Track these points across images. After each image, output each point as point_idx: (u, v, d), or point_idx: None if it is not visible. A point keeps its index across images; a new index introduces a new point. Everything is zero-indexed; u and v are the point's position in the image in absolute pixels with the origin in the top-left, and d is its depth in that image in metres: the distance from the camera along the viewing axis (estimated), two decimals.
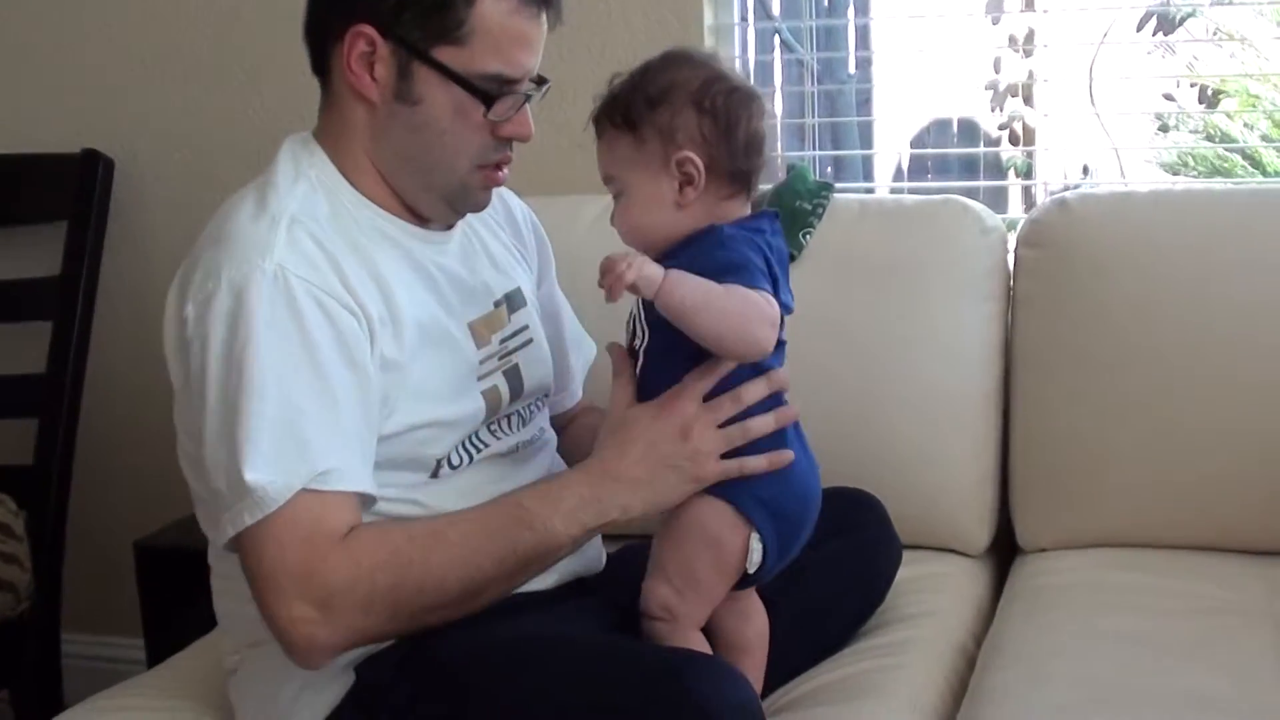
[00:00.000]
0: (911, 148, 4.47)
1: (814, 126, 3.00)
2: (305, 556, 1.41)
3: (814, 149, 2.94)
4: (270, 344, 1.43)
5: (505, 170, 1.64)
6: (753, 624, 1.65)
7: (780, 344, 1.56)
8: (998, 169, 4.14)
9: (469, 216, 1.69)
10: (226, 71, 2.71)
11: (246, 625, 1.57)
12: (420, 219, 1.63)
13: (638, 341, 1.57)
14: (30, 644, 2.55)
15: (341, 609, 1.42)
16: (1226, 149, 6.27)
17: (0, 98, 2.82)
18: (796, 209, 2.28)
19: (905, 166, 4.59)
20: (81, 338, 2.67)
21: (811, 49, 3.02)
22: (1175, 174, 5.25)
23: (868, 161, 3.63)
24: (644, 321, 1.56)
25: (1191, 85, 6.17)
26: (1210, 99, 6.61)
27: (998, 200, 3.18)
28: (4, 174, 2.75)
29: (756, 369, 1.54)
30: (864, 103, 3.81)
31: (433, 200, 1.63)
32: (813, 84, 3.09)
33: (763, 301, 1.48)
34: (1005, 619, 1.92)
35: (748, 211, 1.58)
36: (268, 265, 1.46)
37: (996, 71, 4.11)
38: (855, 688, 1.72)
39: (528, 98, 1.59)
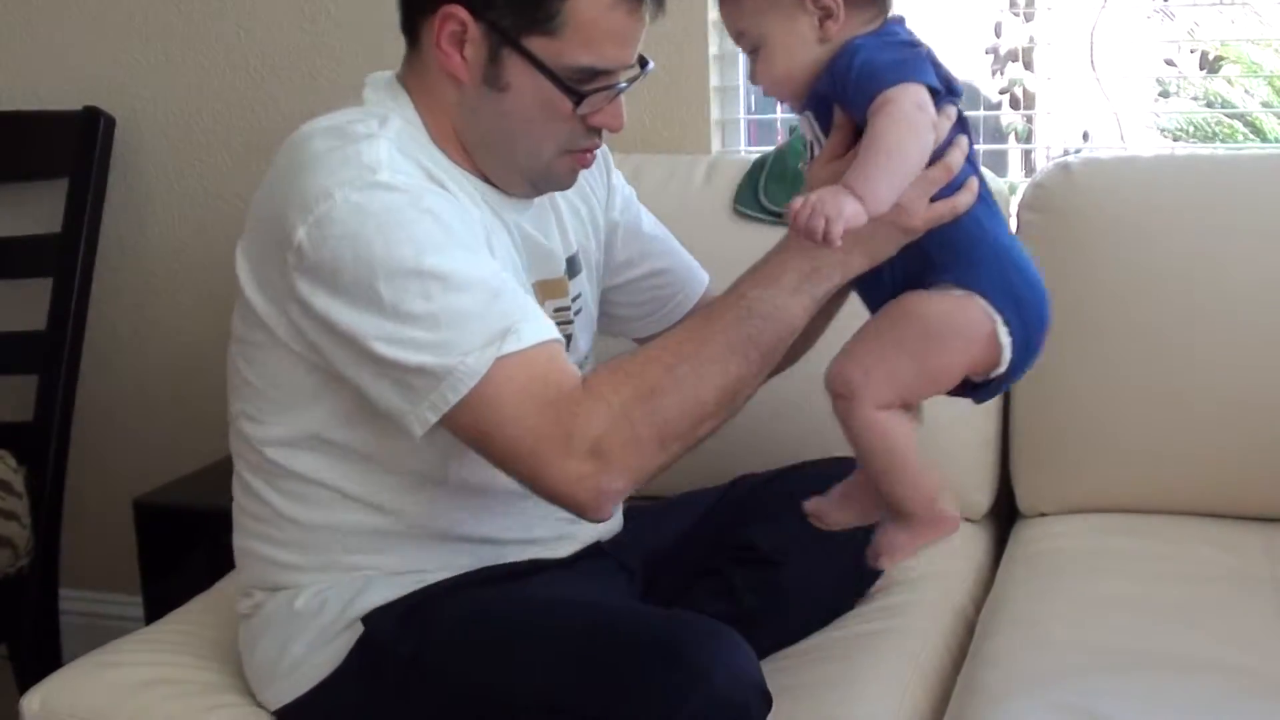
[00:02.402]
0: None
1: None
2: (555, 417, 1.40)
3: None
4: (408, 234, 1.41)
5: (594, 154, 1.61)
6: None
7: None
8: (998, 133, 4.12)
9: None
10: (227, 30, 2.69)
11: (268, 568, 1.58)
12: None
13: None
14: (29, 600, 2.55)
15: (613, 452, 1.40)
16: (1227, 115, 6.26)
17: (2, 55, 2.81)
18: (798, 172, 2.27)
19: None
20: (81, 295, 2.67)
21: None
22: (1175, 139, 5.24)
23: None
24: (819, 136, 1.51)
25: (1192, 51, 6.16)
26: (1211, 64, 6.60)
27: (997, 164, 3.17)
28: (5, 131, 2.74)
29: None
30: None
31: (515, 179, 1.60)
32: None
33: (894, 109, 1.40)
34: (1005, 583, 1.93)
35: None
36: (382, 176, 1.43)
37: (997, 36, 4.10)
38: (855, 649, 1.74)
39: (620, 90, 1.54)
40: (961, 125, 1.49)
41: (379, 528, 1.57)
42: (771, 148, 2.37)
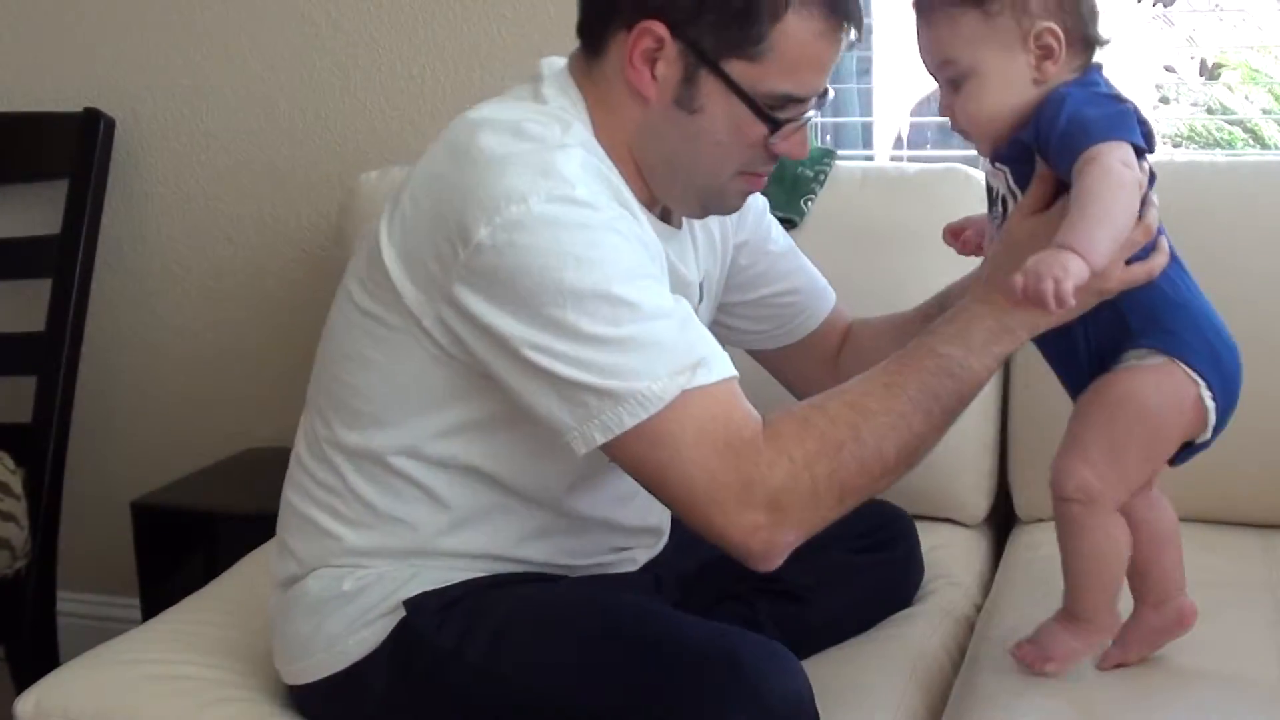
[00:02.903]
0: (911, 116, 4.46)
1: None
2: (735, 463, 1.35)
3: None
4: (600, 255, 1.36)
5: (765, 178, 1.58)
6: (1165, 515, 1.59)
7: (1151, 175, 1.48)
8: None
9: None
10: (227, 32, 2.69)
11: (324, 541, 1.54)
12: (658, 209, 1.58)
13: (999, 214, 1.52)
14: (27, 602, 2.56)
15: (791, 506, 1.36)
16: (1228, 121, 6.27)
17: (2, 56, 2.81)
18: (799, 175, 2.28)
19: (905, 135, 4.58)
20: (81, 296, 2.67)
21: None
22: (1175, 146, 5.24)
23: (867, 130, 3.61)
24: (1013, 189, 1.51)
25: (1191, 58, 6.17)
26: (1210, 71, 6.60)
27: None
28: (5, 132, 2.75)
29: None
30: (864, 71, 3.79)
31: (686, 200, 1.57)
32: None
33: (1103, 166, 1.37)
34: (1003, 588, 1.93)
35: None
36: (580, 192, 1.37)
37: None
38: (855, 656, 1.75)
39: (811, 117, 1.52)
40: (1151, 183, 1.47)
41: (455, 535, 1.53)
42: None
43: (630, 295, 1.35)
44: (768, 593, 1.74)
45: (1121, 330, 1.48)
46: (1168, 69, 6.49)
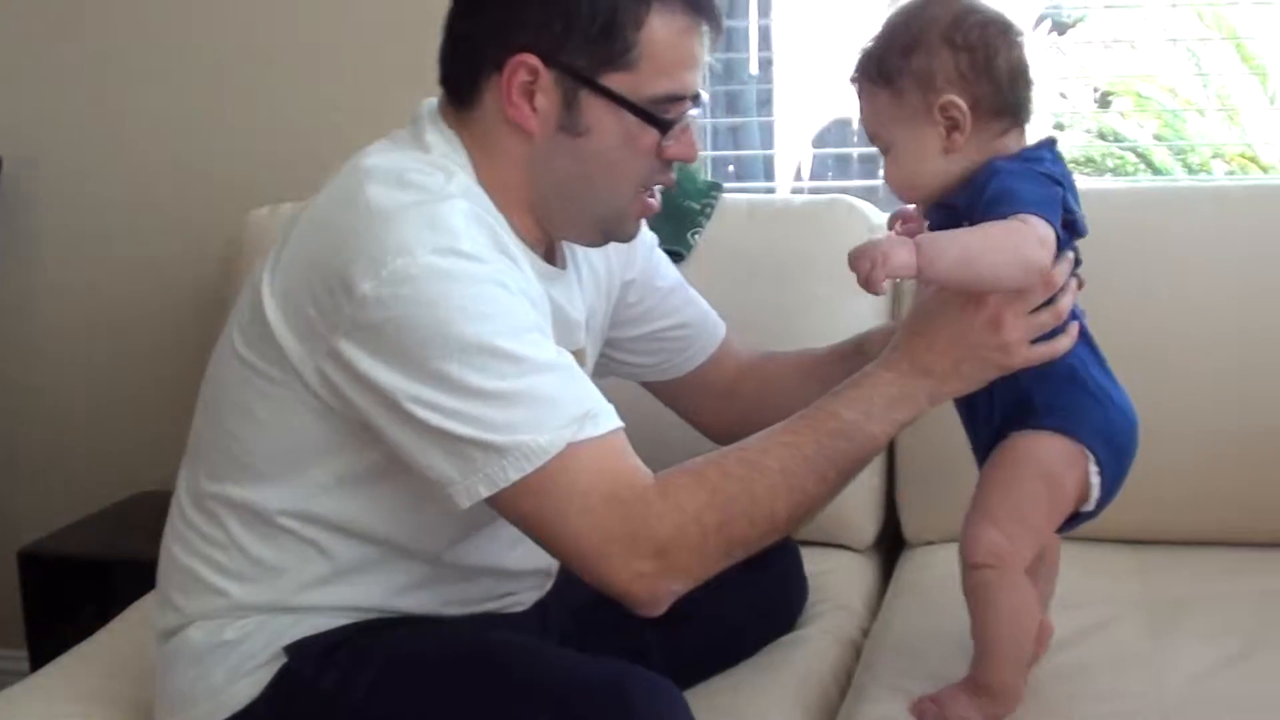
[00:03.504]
0: (814, 147, 4.51)
1: (712, 127, 3.02)
2: (624, 514, 1.37)
3: (711, 149, 2.96)
4: (486, 309, 1.36)
5: (657, 196, 1.59)
6: (1050, 549, 1.67)
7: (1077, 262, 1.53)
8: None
9: None
10: (113, 70, 2.68)
11: (206, 594, 1.52)
12: (543, 250, 1.58)
13: None
14: None
15: (678, 556, 1.38)
16: (1120, 147, 6.39)
17: None
18: (685, 208, 2.30)
19: (808, 166, 4.63)
20: None
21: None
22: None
23: (769, 161, 3.65)
24: None
25: (1084, 85, 6.28)
26: (1102, 100, 6.73)
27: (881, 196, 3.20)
28: None
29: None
30: (765, 104, 3.83)
31: (585, 229, 1.57)
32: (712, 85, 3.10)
33: (1019, 225, 1.41)
34: (891, 611, 1.96)
35: (1025, 143, 1.52)
36: (464, 245, 1.38)
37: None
38: (742, 683, 1.75)
39: (695, 115, 1.54)
40: (1076, 266, 1.52)
41: (338, 587, 1.52)
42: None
43: (516, 349, 1.36)
44: (654, 622, 1.73)
45: (1025, 408, 1.53)
46: (1061, 96, 6.61)
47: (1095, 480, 1.53)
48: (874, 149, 1.58)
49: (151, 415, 2.71)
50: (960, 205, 1.47)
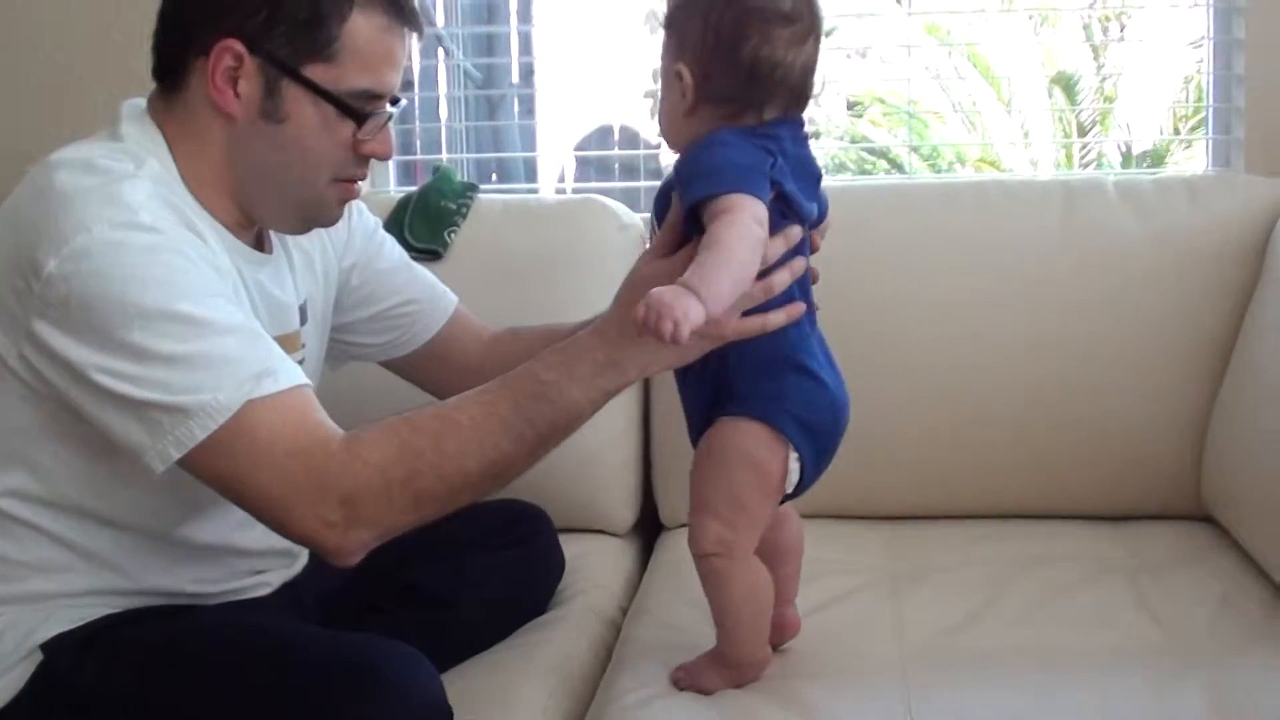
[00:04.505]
0: (575, 152, 4.59)
1: (473, 130, 3.07)
2: (307, 466, 1.39)
3: (473, 152, 3.00)
4: (165, 276, 1.39)
5: (360, 184, 1.62)
6: (790, 529, 1.69)
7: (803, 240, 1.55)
8: (658, 173, 4.29)
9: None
10: None
11: None
12: (250, 236, 1.60)
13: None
14: None
15: (364, 506, 1.40)
16: (868, 152, 6.63)
17: None
18: (441, 208, 2.35)
19: (571, 170, 4.71)
20: None
21: (462, 52, 3.06)
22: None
23: (530, 164, 3.71)
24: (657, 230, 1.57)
25: (837, 94, 6.50)
26: (854, 109, 6.98)
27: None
28: None
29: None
30: (528, 110, 3.89)
31: (285, 214, 1.60)
32: (466, 89, 3.15)
33: (735, 218, 1.44)
34: (648, 590, 2.03)
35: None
36: (143, 217, 1.41)
37: (655, 81, 4.25)
38: (506, 660, 1.80)
39: (390, 116, 1.58)
40: (800, 248, 1.55)
41: (81, 575, 1.53)
42: (415, 187, 2.44)
43: (196, 313, 1.39)
44: (410, 602, 1.79)
45: (729, 394, 1.57)
46: (815, 104, 6.83)
47: (794, 466, 1.57)
48: (634, 154, 1.64)
49: None
50: (678, 167, 1.53)
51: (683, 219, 1.52)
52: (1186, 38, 3.68)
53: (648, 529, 2.34)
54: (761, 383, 1.56)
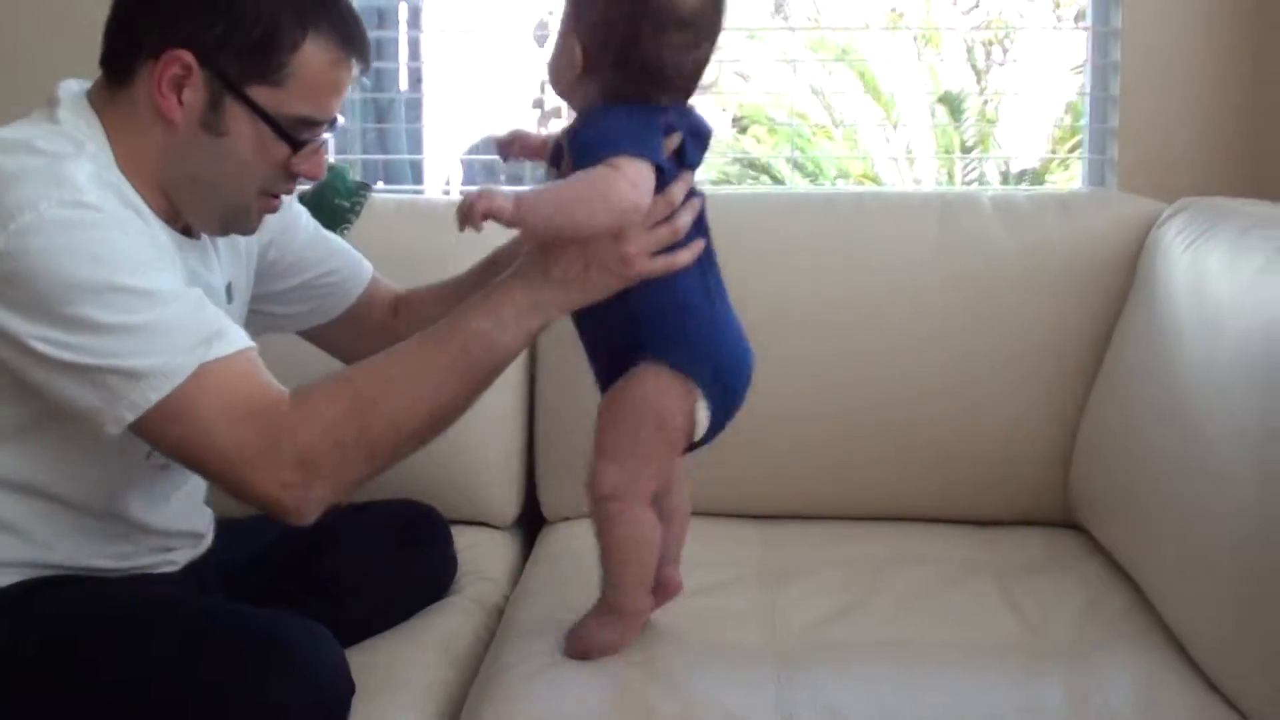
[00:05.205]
0: (462, 156, 4.61)
1: (361, 132, 3.09)
2: (261, 426, 1.43)
3: (361, 154, 3.03)
4: (111, 251, 1.42)
5: (281, 200, 1.66)
6: (680, 490, 1.73)
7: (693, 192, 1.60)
8: (543, 182, 4.34)
9: None
10: None
11: None
12: (179, 225, 1.62)
13: None
14: None
15: (320, 464, 1.45)
16: (747, 165, 6.71)
17: None
18: (335, 206, 2.37)
19: (457, 176, 4.73)
20: None
21: None
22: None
23: (417, 167, 3.73)
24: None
25: (723, 110, 6.59)
26: (739, 125, 7.07)
27: None
28: None
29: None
30: (414, 115, 3.91)
31: (210, 218, 1.63)
32: (356, 91, 3.17)
33: (607, 173, 1.50)
34: (530, 578, 2.08)
35: None
36: (87, 196, 1.43)
37: (542, 91, 4.28)
38: (393, 641, 1.85)
39: (324, 140, 1.62)
40: (695, 191, 1.61)
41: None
42: (309, 185, 2.45)
43: (142, 284, 1.43)
44: (311, 590, 1.82)
45: (635, 339, 1.62)
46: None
47: (703, 415, 1.62)
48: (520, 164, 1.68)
49: None
50: (569, 134, 1.57)
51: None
52: (1066, 62, 3.79)
53: (530, 523, 2.38)
54: (668, 330, 1.61)
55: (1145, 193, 2.38)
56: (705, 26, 1.57)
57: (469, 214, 1.47)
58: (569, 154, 1.57)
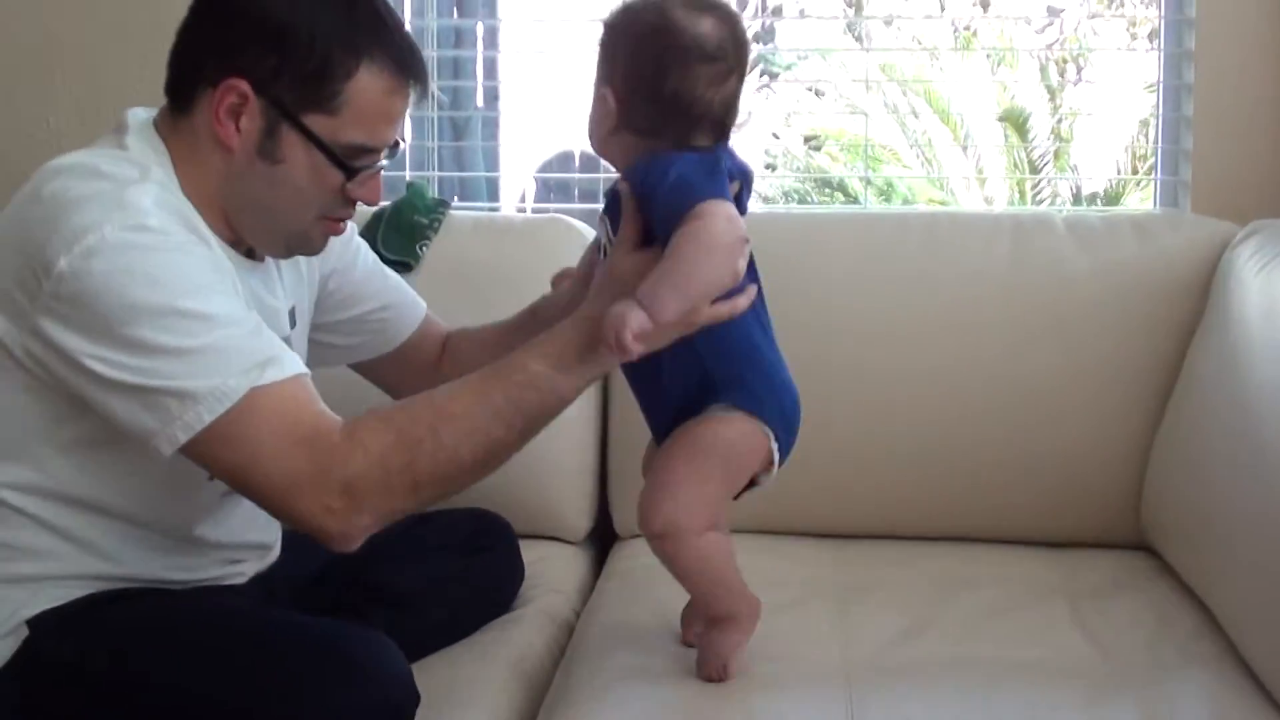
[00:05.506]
0: (536, 174, 4.64)
1: (439, 149, 3.12)
2: (310, 453, 1.45)
3: (439, 171, 3.06)
4: (172, 274, 1.45)
5: (346, 223, 1.68)
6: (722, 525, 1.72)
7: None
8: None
9: None
10: None
11: None
12: (243, 248, 1.66)
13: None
14: None
15: (365, 493, 1.46)
16: (819, 182, 6.70)
17: None
18: (414, 223, 2.41)
19: (531, 192, 4.76)
20: None
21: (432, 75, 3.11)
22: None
23: (492, 184, 3.76)
24: (611, 237, 1.63)
25: (787, 126, 6.58)
26: (813, 142, 7.06)
27: None
28: None
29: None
30: (490, 132, 3.94)
31: (273, 242, 1.66)
32: (433, 110, 3.20)
33: (698, 224, 1.50)
34: (601, 595, 2.09)
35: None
36: (151, 220, 1.46)
37: None
38: (462, 655, 1.87)
39: (381, 167, 1.63)
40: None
41: (68, 556, 1.57)
42: (389, 202, 2.49)
43: (201, 308, 1.46)
44: (379, 601, 1.84)
45: (706, 383, 1.64)
46: (775, 136, 6.93)
47: (777, 455, 1.65)
48: (594, 177, 1.69)
49: None
50: (637, 192, 1.58)
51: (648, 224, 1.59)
52: (1141, 81, 3.76)
53: (602, 538, 2.40)
54: (739, 374, 1.63)
55: (1218, 215, 2.37)
56: (732, 60, 1.59)
57: (623, 349, 1.47)
58: (633, 201, 1.59)
